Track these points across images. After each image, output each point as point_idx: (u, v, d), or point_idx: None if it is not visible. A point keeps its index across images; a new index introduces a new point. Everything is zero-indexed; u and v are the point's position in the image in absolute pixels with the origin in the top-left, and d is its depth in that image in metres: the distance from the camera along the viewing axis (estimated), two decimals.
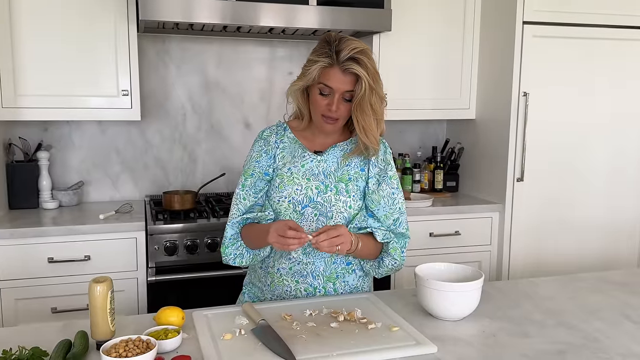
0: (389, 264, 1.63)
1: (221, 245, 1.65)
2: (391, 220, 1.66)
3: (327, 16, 2.66)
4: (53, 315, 2.43)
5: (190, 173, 3.16)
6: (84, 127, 2.98)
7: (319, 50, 1.54)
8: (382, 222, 1.65)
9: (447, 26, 3.10)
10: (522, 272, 3.01)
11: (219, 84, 3.14)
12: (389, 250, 1.62)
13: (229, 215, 1.66)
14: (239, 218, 1.63)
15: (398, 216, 1.66)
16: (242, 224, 1.64)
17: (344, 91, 1.53)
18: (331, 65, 1.51)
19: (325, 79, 1.53)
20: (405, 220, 1.68)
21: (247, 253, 1.64)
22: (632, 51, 3.00)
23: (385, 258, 1.64)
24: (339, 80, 1.52)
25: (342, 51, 1.50)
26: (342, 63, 1.50)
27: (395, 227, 1.66)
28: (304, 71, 1.57)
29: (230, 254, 1.63)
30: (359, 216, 1.64)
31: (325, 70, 1.52)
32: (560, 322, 1.50)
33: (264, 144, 1.68)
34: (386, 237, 1.62)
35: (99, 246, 2.48)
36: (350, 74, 1.52)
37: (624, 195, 3.12)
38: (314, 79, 1.54)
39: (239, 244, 1.63)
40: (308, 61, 1.57)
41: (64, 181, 2.98)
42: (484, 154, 3.17)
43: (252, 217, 1.63)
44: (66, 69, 2.60)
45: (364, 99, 1.52)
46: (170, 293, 2.53)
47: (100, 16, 2.61)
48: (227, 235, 1.63)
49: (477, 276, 1.51)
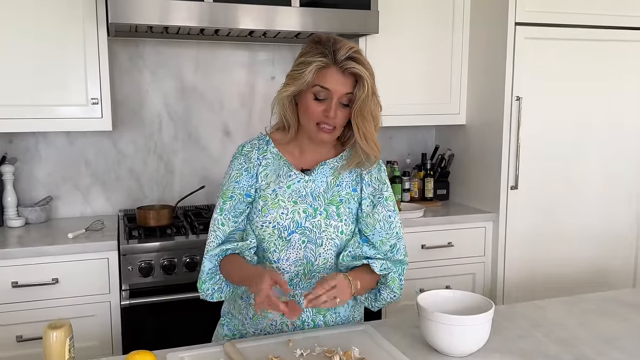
0: (387, 297, 1.49)
1: (198, 279, 1.48)
2: (387, 246, 1.50)
3: (311, 18, 2.51)
4: (18, 344, 2.25)
5: (167, 185, 2.98)
6: (51, 138, 2.79)
7: (312, 51, 1.37)
8: (378, 248, 1.50)
9: (436, 28, 2.97)
10: (517, 284, 2.89)
11: (197, 89, 2.97)
12: (388, 282, 1.47)
13: (207, 243, 1.49)
14: (217, 250, 1.45)
15: (395, 242, 1.51)
16: (222, 257, 1.47)
17: (343, 94, 1.37)
18: (329, 65, 1.35)
19: (322, 81, 1.36)
20: (404, 246, 1.53)
21: (226, 287, 1.48)
22: (627, 53, 2.90)
23: (383, 291, 1.48)
24: (338, 82, 1.36)
25: (340, 50, 1.35)
26: (341, 62, 1.35)
27: (392, 255, 1.51)
28: (295, 75, 1.39)
29: (207, 290, 1.46)
30: (352, 242, 1.48)
31: (322, 72, 1.36)
32: (577, 356, 1.36)
33: (244, 161, 1.50)
34: (384, 268, 1.46)
35: (67, 268, 2.29)
36: (349, 75, 1.36)
37: (620, 202, 3.01)
38: (308, 82, 1.37)
39: (218, 278, 1.46)
40: (298, 64, 1.40)
41: (31, 196, 2.78)
42: (475, 161, 3.05)
43: (233, 248, 1.46)
44: (31, 76, 2.41)
45: (365, 103, 1.37)
46: (146, 317, 2.35)
47: (67, 20, 2.42)
48: (204, 269, 1.46)
49: (486, 305, 1.36)
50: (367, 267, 1.46)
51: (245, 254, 1.46)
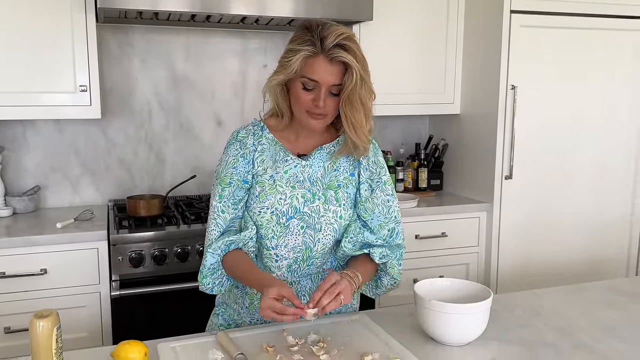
0: (387, 284, 1.47)
1: (199, 273, 1.43)
2: (386, 230, 1.48)
3: (304, 4, 2.47)
4: (6, 335, 2.20)
5: (157, 175, 2.93)
6: (39, 126, 2.73)
7: (300, 38, 1.34)
8: (376, 232, 1.47)
9: (430, 16, 2.93)
10: (511, 274, 2.88)
11: (188, 78, 2.92)
12: (387, 269, 1.45)
13: (207, 232, 1.45)
14: (220, 242, 1.40)
15: (394, 226, 1.49)
16: (225, 251, 1.42)
17: (331, 84, 1.34)
18: (316, 54, 1.31)
19: (309, 71, 1.33)
20: (402, 230, 1.51)
21: (227, 281, 1.44)
22: (624, 41, 2.88)
23: (383, 277, 1.46)
24: (325, 71, 1.32)
25: (327, 37, 1.30)
26: (328, 51, 1.31)
27: (391, 239, 1.48)
28: (283, 63, 1.36)
29: (208, 284, 1.42)
30: (352, 228, 1.45)
31: (309, 61, 1.32)
32: (576, 344, 1.34)
33: (240, 147, 1.47)
34: (383, 255, 1.43)
35: (56, 258, 2.25)
36: (337, 64, 1.32)
37: (614, 191, 3.00)
38: (295, 71, 1.33)
39: (220, 273, 1.43)
40: (287, 51, 1.37)
41: (19, 186, 2.73)
42: (469, 150, 3.02)
43: (236, 241, 1.41)
44: (18, 63, 2.35)
45: (354, 92, 1.33)
46: (137, 308, 2.32)
47: (55, 5, 2.36)
48: (206, 263, 1.41)
49: (483, 294, 1.33)
50: (366, 257, 1.44)
51: (248, 245, 1.43)
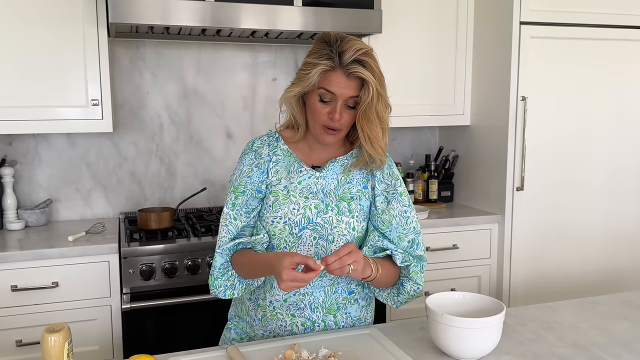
0: (410, 290, 1.45)
1: (209, 276, 1.44)
2: (406, 242, 1.47)
3: (314, 18, 2.47)
4: (18, 348, 2.21)
5: (168, 188, 2.95)
6: (51, 140, 2.75)
7: (318, 52, 1.35)
8: (396, 244, 1.47)
9: (440, 28, 2.94)
10: (523, 286, 2.85)
11: (198, 91, 2.94)
12: (410, 274, 1.44)
13: (218, 238, 1.46)
14: (230, 244, 1.42)
15: (414, 237, 1.48)
16: (234, 251, 1.44)
17: (348, 97, 1.35)
18: (333, 69, 1.33)
19: (326, 84, 1.34)
20: (422, 240, 1.50)
21: (239, 284, 1.44)
22: (634, 52, 2.87)
23: (406, 283, 1.45)
24: (342, 85, 1.33)
25: (346, 52, 1.31)
26: (346, 66, 1.32)
27: (412, 250, 1.48)
28: (301, 75, 1.37)
29: (220, 287, 1.43)
30: (372, 237, 1.46)
31: (326, 75, 1.34)
32: (590, 358, 1.32)
33: (255, 157, 1.48)
34: (405, 259, 1.44)
35: (68, 271, 2.26)
36: (355, 79, 1.33)
37: (627, 201, 2.97)
38: (313, 84, 1.35)
39: (230, 274, 1.43)
40: (305, 64, 1.38)
41: (31, 199, 2.75)
42: (480, 162, 3.01)
43: (245, 242, 1.43)
44: (31, 77, 2.38)
45: (370, 106, 1.34)
46: (148, 321, 2.31)
47: (67, 20, 2.39)
48: (216, 264, 1.43)
49: (496, 308, 1.32)
50: (389, 260, 1.45)
51: (257, 248, 1.43)
